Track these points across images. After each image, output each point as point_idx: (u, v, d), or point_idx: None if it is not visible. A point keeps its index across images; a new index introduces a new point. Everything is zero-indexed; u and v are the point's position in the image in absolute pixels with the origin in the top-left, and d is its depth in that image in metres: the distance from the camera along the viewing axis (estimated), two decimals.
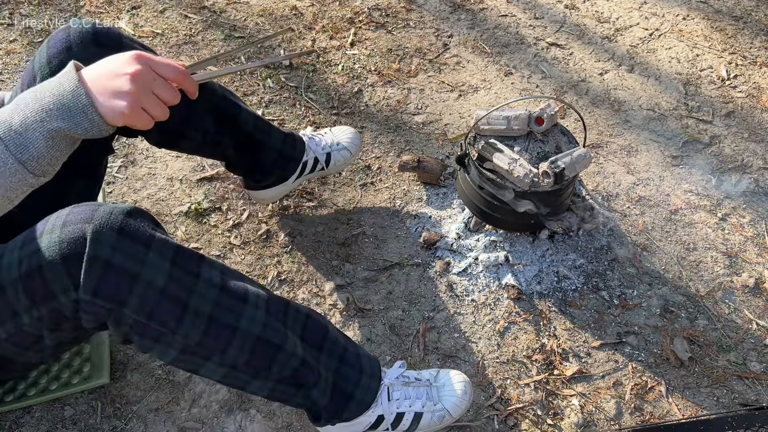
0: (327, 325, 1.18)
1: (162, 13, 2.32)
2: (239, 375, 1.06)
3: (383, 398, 1.22)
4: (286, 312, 1.10)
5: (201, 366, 1.04)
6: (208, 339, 0.99)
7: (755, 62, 2.30)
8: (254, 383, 1.09)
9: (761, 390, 1.49)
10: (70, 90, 0.82)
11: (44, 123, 0.82)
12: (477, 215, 1.65)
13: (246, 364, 1.04)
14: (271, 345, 1.05)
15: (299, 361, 1.09)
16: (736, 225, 1.82)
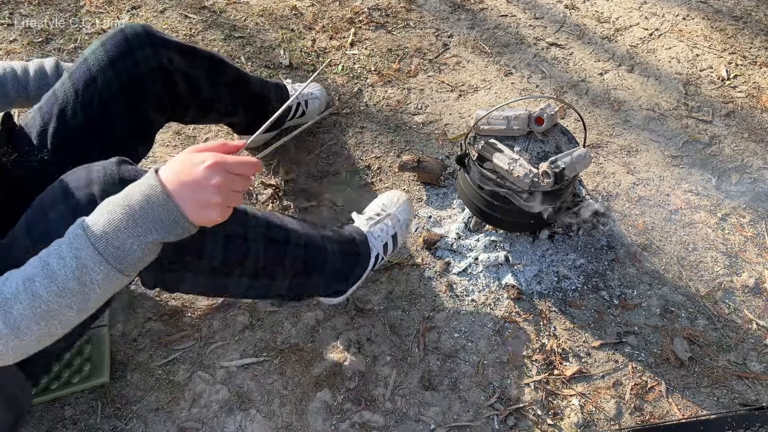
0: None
1: (162, 13, 2.32)
2: (261, 282, 1.21)
3: (372, 242, 1.48)
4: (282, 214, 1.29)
5: (227, 285, 1.17)
6: (228, 255, 1.11)
7: (755, 62, 2.30)
8: (274, 285, 1.24)
9: (761, 390, 1.49)
10: (161, 204, 0.89)
11: (140, 237, 0.89)
12: (477, 215, 1.65)
13: (264, 269, 1.18)
14: (278, 243, 1.20)
15: (304, 248, 1.25)
16: (736, 225, 1.82)
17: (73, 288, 0.87)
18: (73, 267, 0.87)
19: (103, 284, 0.89)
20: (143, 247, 0.90)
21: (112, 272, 0.89)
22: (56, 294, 0.87)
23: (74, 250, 0.87)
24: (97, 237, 0.87)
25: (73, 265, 0.87)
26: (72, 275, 0.87)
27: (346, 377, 1.47)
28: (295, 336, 1.54)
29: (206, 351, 1.50)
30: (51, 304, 0.87)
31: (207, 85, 1.49)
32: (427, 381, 1.47)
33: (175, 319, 1.56)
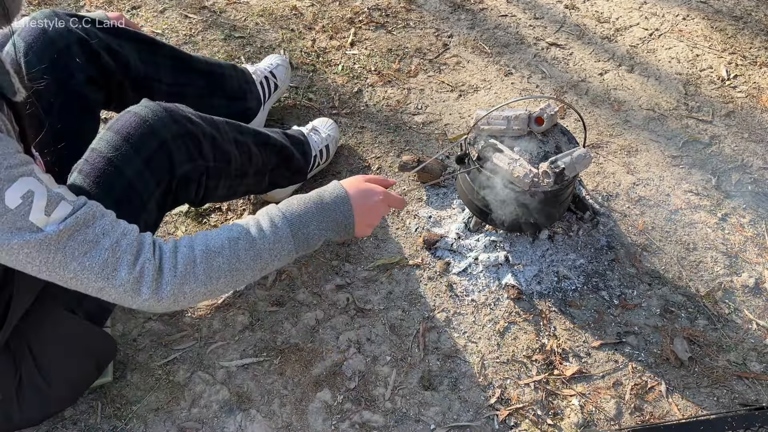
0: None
1: (162, 13, 2.32)
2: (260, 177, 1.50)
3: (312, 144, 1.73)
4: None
5: (239, 185, 1.43)
6: (243, 158, 1.39)
7: (755, 62, 2.30)
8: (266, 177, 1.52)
9: (761, 390, 1.49)
10: (344, 212, 1.17)
11: (322, 231, 1.15)
12: (477, 215, 1.65)
13: (264, 164, 1.47)
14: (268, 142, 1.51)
15: (281, 146, 1.56)
16: (736, 225, 1.82)
17: (264, 257, 1.09)
18: (270, 240, 1.09)
19: (282, 260, 1.12)
20: (320, 239, 1.15)
21: (292, 252, 1.12)
22: (251, 258, 1.07)
23: (274, 227, 1.10)
24: (294, 222, 1.11)
25: (271, 239, 1.09)
26: (268, 246, 1.09)
27: (346, 377, 1.47)
28: (295, 336, 1.54)
29: (206, 351, 1.50)
30: (244, 264, 1.07)
31: (136, 60, 1.52)
32: (427, 381, 1.47)
33: (175, 319, 1.56)
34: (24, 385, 1.18)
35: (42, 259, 0.93)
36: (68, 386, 1.26)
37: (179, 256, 1.03)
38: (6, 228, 0.90)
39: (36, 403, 1.21)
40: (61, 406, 1.31)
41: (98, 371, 1.32)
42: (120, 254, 0.98)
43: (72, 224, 0.95)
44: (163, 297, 1.01)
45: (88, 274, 0.97)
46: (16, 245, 0.91)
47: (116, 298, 1.01)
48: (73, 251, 0.95)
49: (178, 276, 1.01)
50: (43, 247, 0.92)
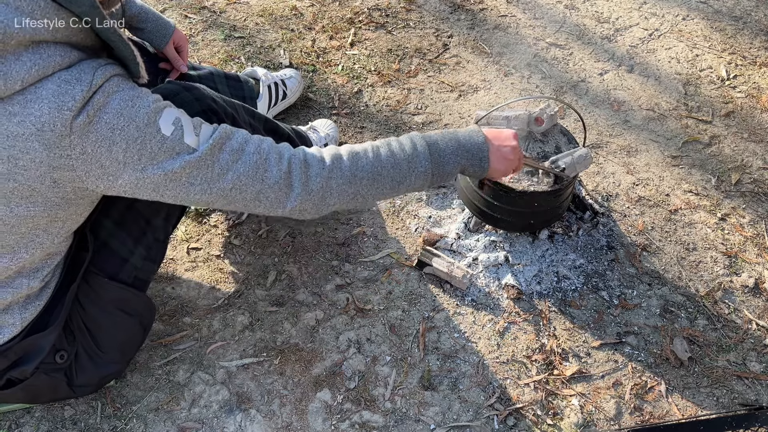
0: None
1: (162, 13, 2.32)
2: None
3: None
4: None
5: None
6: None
7: (755, 62, 2.30)
8: None
9: (761, 390, 1.49)
10: (478, 144, 1.25)
11: (456, 157, 1.23)
12: (477, 215, 1.65)
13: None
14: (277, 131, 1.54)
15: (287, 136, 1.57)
16: (735, 225, 1.82)
17: (402, 168, 1.18)
18: (409, 153, 1.19)
19: (418, 177, 1.20)
20: (454, 166, 1.22)
21: (428, 171, 1.20)
22: (392, 165, 1.17)
23: (413, 143, 1.20)
24: (432, 145, 1.21)
25: (409, 153, 1.19)
26: (406, 158, 1.18)
27: (346, 377, 1.47)
28: (295, 336, 1.54)
29: (206, 351, 1.50)
30: (385, 169, 1.17)
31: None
32: (427, 381, 1.47)
33: (175, 319, 1.56)
34: (80, 352, 1.27)
35: (203, 176, 1.04)
36: (118, 349, 1.33)
37: (325, 151, 1.15)
38: (169, 155, 1.01)
39: (92, 368, 1.29)
40: (115, 370, 1.36)
41: (144, 332, 1.37)
42: (266, 155, 1.09)
43: (218, 138, 1.06)
44: (313, 190, 1.11)
45: (244, 179, 1.07)
46: (179, 168, 1.02)
47: (273, 199, 1.11)
48: (226, 161, 1.06)
49: (326, 169, 1.12)
50: (202, 164, 1.04)
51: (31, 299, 1.16)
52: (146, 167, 1.00)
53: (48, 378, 1.24)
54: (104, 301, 1.25)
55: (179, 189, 1.05)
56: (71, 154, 0.95)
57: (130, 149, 0.98)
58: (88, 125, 0.94)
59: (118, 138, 0.97)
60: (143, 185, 1.03)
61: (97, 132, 0.95)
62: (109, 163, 0.98)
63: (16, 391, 1.23)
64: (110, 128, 0.96)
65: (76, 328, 1.25)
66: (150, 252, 1.31)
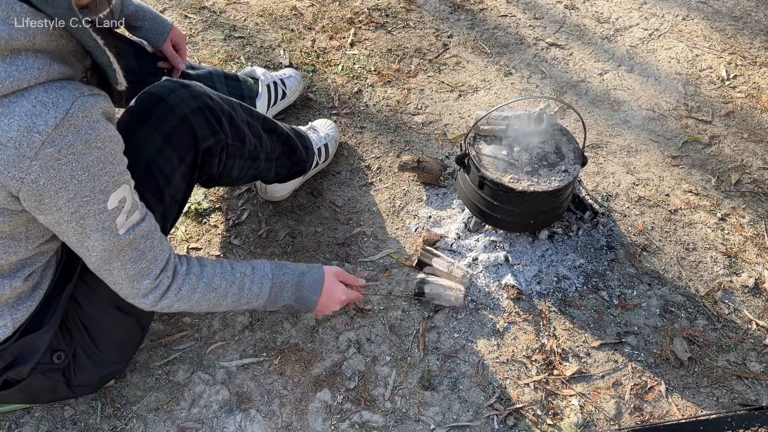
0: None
1: (162, 13, 2.32)
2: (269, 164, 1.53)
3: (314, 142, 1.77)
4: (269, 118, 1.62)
5: (250, 168, 1.47)
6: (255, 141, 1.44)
7: (755, 62, 2.30)
8: (273, 165, 1.56)
9: (761, 390, 1.49)
10: (312, 296, 1.37)
11: (289, 301, 1.36)
12: (476, 215, 1.65)
13: (271, 151, 1.52)
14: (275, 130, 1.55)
15: (286, 135, 1.59)
16: (735, 225, 1.82)
17: (240, 302, 1.30)
18: (253, 293, 1.31)
19: (249, 307, 1.32)
20: (282, 304, 1.36)
21: (261, 305, 1.33)
22: (233, 301, 1.29)
23: (261, 286, 1.31)
24: (275, 288, 1.33)
25: (254, 293, 1.31)
26: (247, 297, 1.30)
27: (346, 377, 1.47)
28: (295, 336, 1.54)
29: (206, 351, 1.50)
30: (225, 303, 1.28)
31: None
32: (427, 381, 1.47)
33: (175, 319, 1.56)
34: (78, 352, 1.27)
35: (101, 253, 1.08)
36: (117, 348, 1.34)
37: (186, 282, 1.22)
38: (97, 224, 1.04)
39: (91, 367, 1.30)
40: (114, 370, 1.37)
41: (142, 331, 1.39)
42: (153, 268, 1.15)
43: (137, 234, 1.11)
44: (157, 307, 1.20)
45: (123, 275, 1.13)
46: (95, 238, 1.05)
47: (125, 294, 1.17)
48: (125, 255, 1.11)
49: (179, 297, 1.21)
50: (110, 247, 1.08)
51: (21, 300, 1.16)
52: (70, 220, 1.02)
53: (46, 378, 1.24)
54: (101, 300, 1.25)
55: (79, 247, 1.08)
56: (24, 178, 0.93)
57: (73, 201, 0.99)
58: (55, 161, 0.93)
59: (72, 187, 0.97)
60: (54, 222, 1.03)
61: (58, 171, 0.94)
62: (47, 201, 0.97)
63: (14, 391, 1.23)
64: (71, 176, 0.96)
65: (74, 326, 1.25)
66: None
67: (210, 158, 1.34)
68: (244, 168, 1.45)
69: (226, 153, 1.37)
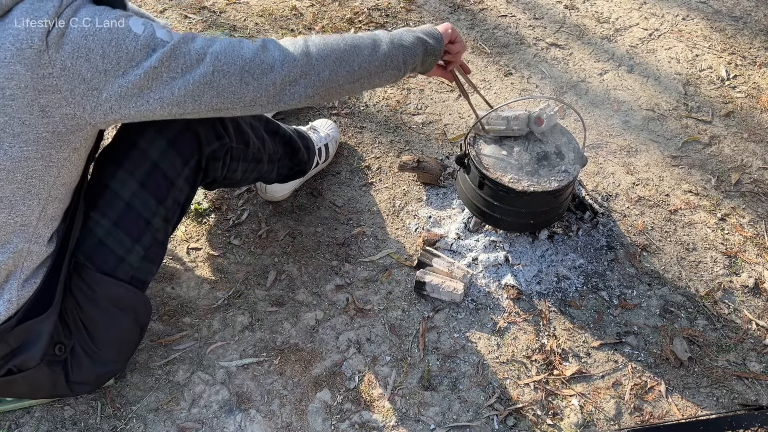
0: None
1: (162, 13, 2.32)
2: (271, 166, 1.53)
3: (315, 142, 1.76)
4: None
5: (253, 170, 1.48)
6: (258, 143, 1.44)
7: (755, 62, 2.30)
8: (276, 167, 1.55)
9: (761, 390, 1.49)
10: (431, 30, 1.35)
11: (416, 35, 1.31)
12: (476, 215, 1.65)
13: (273, 153, 1.51)
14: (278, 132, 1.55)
15: (289, 137, 1.59)
16: (735, 225, 1.82)
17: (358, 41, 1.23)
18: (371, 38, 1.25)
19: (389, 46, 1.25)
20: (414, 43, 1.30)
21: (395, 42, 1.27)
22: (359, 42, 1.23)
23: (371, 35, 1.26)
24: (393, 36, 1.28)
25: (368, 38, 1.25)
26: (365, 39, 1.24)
27: (346, 377, 1.47)
28: (295, 336, 1.54)
29: (206, 351, 1.50)
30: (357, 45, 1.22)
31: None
32: (427, 381, 1.47)
33: (175, 319, 1.56)
34: (76, 347, 1.26)
35: (182, 65, 1.05)
36: (115, 347, 1.33)
37: (287, 40, 1.17)
38: (145, 52, 1.02)
39: (88, 364, 1.29)
40: (112, 369, 1.35)
41: (140, 330, 1.37)
42: (237, 38, 1.12)
43: (188, 34, 1.08)
44: (296, 57, 1.13)
45: (223, 58, 1.07)
46: (157, 63, 1.03)
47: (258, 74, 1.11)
48: (201, 45, 1.06)
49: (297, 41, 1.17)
50: (178, 52, 1.05)
51: (29, 276, 1.16)
52: (126, 71, 1.01)
53: (49, 371, 1.24)
54: (99, 297, 1.25)
55: (163, 89, 1.05)
56: (53, 72, 0.97)
57: (107, 53, 0.99)
58: (61, 37, 0.96)
59: (93, 44, 0.98)
60: (127, 94, 1.03)
61: (71, 42, 0.97)
62: (90, 75, 0.99)
63: (18, 379, 1.23)
64: (83, 35, 0.98)
65: (72, 323, 1.25)
66: (148, 252, 1.30)
67: (214, 162, 1.35)
68: (247, 171, 1.46)
69: (230, 156, 1.37)
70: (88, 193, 1.26)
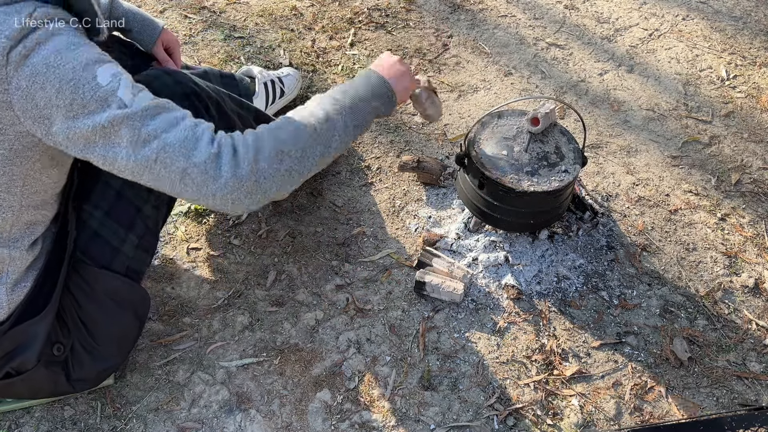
0: None
1: (162, 13, 2.32)
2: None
3: None
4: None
5: None
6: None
7: (755, 62, 2.30)
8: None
9: (761, 390, 1.49)
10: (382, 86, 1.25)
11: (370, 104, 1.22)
12: (476, 215, 1.65)
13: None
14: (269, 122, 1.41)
15: None
16: (735, 225, 1.82)
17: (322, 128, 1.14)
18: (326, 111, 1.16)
19: (342, 133, 1.17)
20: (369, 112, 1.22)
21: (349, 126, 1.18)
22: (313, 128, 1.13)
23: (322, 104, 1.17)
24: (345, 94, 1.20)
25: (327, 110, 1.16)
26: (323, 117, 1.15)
27: (346, 377, 1.47)
28: (295, 336, 1.54)
29: (206, 351, 1.50)
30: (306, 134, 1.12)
31: None
32: (427, 381, 1.47)
33: (175, 319, 1.56)
34: (76, 345, 1.27)
35: (129, 138, 0.98)
36: (114, 342, 1.33)
37: (248, 135, 1.08)
38: (99, 105, 0.97)
39: (89, 361, 1.29)
40: (112, 364, 1.35)
41: (139, 324, 1.37)
42: (198, 133, 1.02)
43: (155, 104, 1.01)
44: (242, 175, 1.03)
45: (169, 151, 1.00)
46: (107, 122, 0.97)
47: (200, 182, 1.02)
48: (155, 128, 0.99)
49: (251, 150, 1.05)
50: (130, 123, 0.98)
51: (18, 280, 1.15)
52: (77, 116, 0.97)
53: (48, 371, 1.24)
54: (97, 293, 1.26)
55: (108, 150, 1.00)
56: (8, 89, 0.94)
57: (62, 90, 0.95)
58: (24, 58, 0.93)
59: (52, 76, 0.94)
60: (74, 138, 0.99)
61: (32, 66, 0.93)
62: (43, 104, 0.96)
63: (17, 382, 1.23)
64: (45, 64, 0.94)
65: (70, 321, 1.25)
66: (142, 241, 1.31)
67: None
68: None
69: None
70: (79, 188, 1.25)
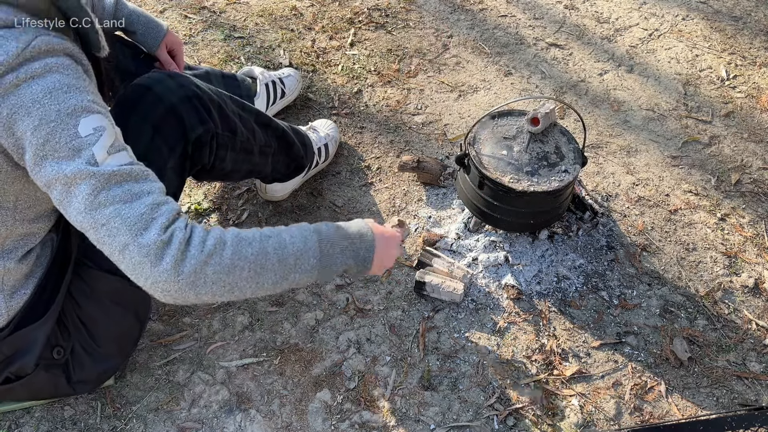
0: None
1: (162, 13, 2.33)
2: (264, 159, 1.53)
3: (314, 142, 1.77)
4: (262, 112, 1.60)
5: (244, 161, 1.47)
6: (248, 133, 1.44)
7: (755, 62, 2.30)
8: (270, 161, 1.56)
9: (761, 390, 1.49)
10: (366, 254, 1.17)
11: (344, 260, 1.13)
12: (476, 215, 1.65)
13: (266, 145, 1.52)
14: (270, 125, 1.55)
15: (282, 130, 1.59)
16: (735, 225, 1.82)
17: (289, 262, 1.06)
18: (299, 247, 1.08)
19: (303, 273, 1.09)
20: (341, 265, 1.13)
21: (315, 268, 1.10)
22: (278, 258, 1.05)
23: (305, 239, 1.09)
24: (323, 239, 1.11)
25: (300, 246, 1.08)
26: (295, 252, 1.07)
27: (346, 377, 1.47)
28: (295, 336, 1.54)
29: (206, 351, 1.50)
30: (270, 262, 1.04)
31: None
32: (427, 381, 1.47)
33: (175, 319, 1.56)
34: (76, 347, 1.26)
35: (86, 195, 0.94)
36: (115, 343, 1.33)
37: (210, 235, 1.00)
38: (69, 153, 0.94)
39: (90, 363, 1.29)
40: (113, 365, 1.35)
41: (140, 325, 1.36)
42: (157, 215, 0.97)
43: (126, 172, 0.97)
44: (183, 272, 0.96)
45: (120, 223, 0.94)
46: (70, 173, 0.94)
47: (137, 262, 0.95)
48: (115, 196, 0.95)
49: (204, 253, 0.97)
50: (93, 182, 0.94)
51: (16, 287, 1.15)
52: (45, 158, 0.94)
53: (48, 375, 1.24)
54: (98, 294, 1.25)
55: (64, 195, 0.96)
56: None
57: (39, 129, 0.93)
58: (14, 87, 0.92)
59: (36, 112, 0.92)
60: (37, 175, 0.97)
61: (19, 97, 0.92)
62: (20, 133, 0.94)
63: (16, 387, 1.23)
64: (33, 99, 0.92)
65: (71, 323, 1.24)
66: None
67: (200, 147, 1.33)
68: (237, 161, 1.45)
69: (217, 143, 1.36)
70: None
